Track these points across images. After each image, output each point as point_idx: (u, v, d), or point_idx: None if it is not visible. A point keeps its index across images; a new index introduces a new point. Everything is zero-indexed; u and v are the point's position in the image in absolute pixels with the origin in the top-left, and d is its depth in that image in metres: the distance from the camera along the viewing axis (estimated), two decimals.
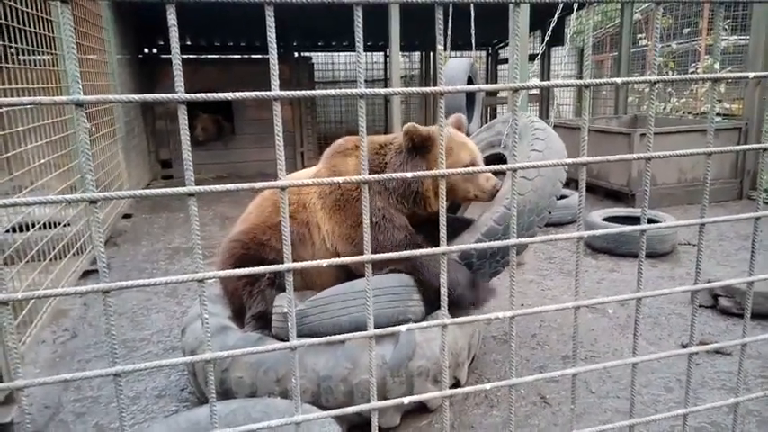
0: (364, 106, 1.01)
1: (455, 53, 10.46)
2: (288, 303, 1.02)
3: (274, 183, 0.98)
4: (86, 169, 0.90)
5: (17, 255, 3.35)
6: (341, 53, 13.08)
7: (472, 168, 1.10)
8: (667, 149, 1.20)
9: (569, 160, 1.17)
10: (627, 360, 1.25)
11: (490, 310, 3.90)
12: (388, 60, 11.38)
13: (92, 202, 0.90)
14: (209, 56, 10.87)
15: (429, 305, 2.72)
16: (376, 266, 2.73)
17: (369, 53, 12.90)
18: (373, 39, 11.53)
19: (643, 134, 6.40)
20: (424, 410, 2.71)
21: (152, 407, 2.86)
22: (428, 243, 2.87)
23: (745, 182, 6.87)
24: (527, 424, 2.63)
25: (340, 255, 2.95)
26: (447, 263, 1.10)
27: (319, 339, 1.08)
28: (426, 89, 1.06)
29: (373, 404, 1.08)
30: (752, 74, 1.28)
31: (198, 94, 0.94)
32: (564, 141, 3.10)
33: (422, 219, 2.98)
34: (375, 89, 1.02)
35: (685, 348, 1.36)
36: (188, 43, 10.63)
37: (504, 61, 13.03)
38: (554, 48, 11.32)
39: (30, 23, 3.84)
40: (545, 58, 11.30)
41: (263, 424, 0.98)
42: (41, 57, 4.19)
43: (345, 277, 2.95)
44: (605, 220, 5.26)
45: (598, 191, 7.14)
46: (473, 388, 1.20)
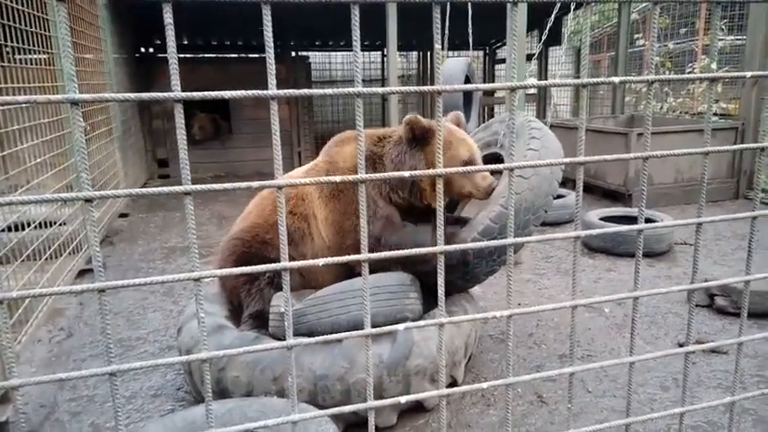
0: (361, 105, 1.01)
1: (452, 53, 10.46)
2: (284, 303, 1.02)
3: (271, 182, 0.98)
4: (82, 168, 0.90)
5: (12, 254, 3.34)
6: (338, 53, 13.08)
7: (469, 167, 1.10)
8: (664, 149, 1.20)
9: (567, 159, 1.17)
10: (624, 359, 1.26)
11: (487, 311, 3.90)
12: (386, 60, 11.37)
13: (87, 201, 0.90)
14: (206, 55, 10.86)
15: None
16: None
17: (366, 53, 12.90)
18: (370, 38, 11.53)
19: (640, 134, 6.41)
20: (421, 409, 2.71)
21: (148, 406, 2.85)
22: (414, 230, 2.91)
23: (741, 181, 6.89)
24: (524, 423, 2.63)
25: (331, 243, 2.98)
26: (409, 232, 1.10)
27: (316, 339, 1.08)
28: (424, 88, 1.06)
29: (370, 403, 1.08)
30: (749, 73, 1.28)
31: (194, 93, 0.93)
32: (561, 141, 3.10)
33: (419, 211, 2.99)
34: (372, 88, 1.01)
35: (682, 347, 1.36)
36: (185, 42, 10.61)
37: (501, 61, 13.04)
38: (551, 47, 11.34)
39: (26, 22, 3.82)
40: (542, 58, 11.32)
41: (260, 423, 0.98)
42: (38, 56, 4.17)
43: (346, 273, 2.96)
44: (602, 220, 5.27)
45: (595, 190, 7.15)
46: (470, 387, 1.20)
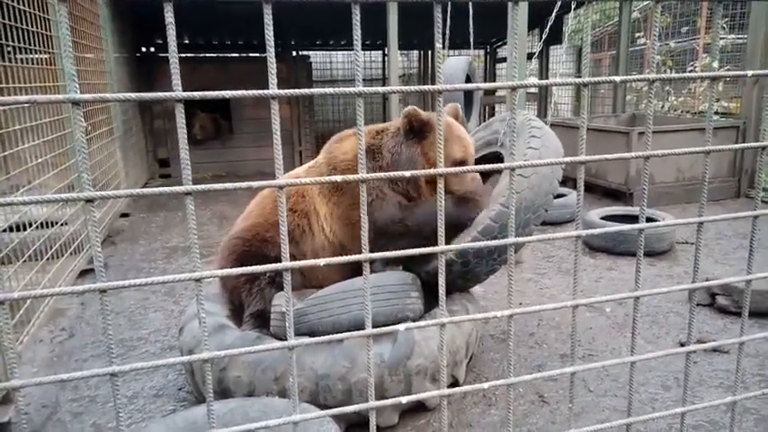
0: (362, 105, 1.01)
1: (453, 52, 10.45)
2: (286, 302, 1.02)
3: (272, 182, 0.98)
4: (83, 168, 0.90)
5: (14, 254, 3.34)
6: (339, 52, 13.07)
7: (468, 168, 1.09)
8: (665, 148, 1.20)
9: (568, 159, 1.17)
10: (625, 359, 1.25)
11: (488, 310, 3.90)
12: (387, 59, 11.38)
13: (88, 201, 0.90)
14: (207, 54, 10.85)
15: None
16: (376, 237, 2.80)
17: (367, 52, 12.90)
18: (371, 37, 11.52)
19: (641, 133, 6.41)
20: (423, 409, 2.71)
21: (149, 406, 2.85)
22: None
23: (743, 180, 6.88)
24: (525, 422, 2.63)
25: (339, 237, 2.98)
26: (425, 206, 1.10)
27: (317, 339, 1.08)
28: (424, 87, 1.06)
29: (371, 404, 1.08)
30: (750, 72, 1.28)
31: (195, 93, 0.93)
32: (561, 140, 3.10)
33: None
34: (373, 87, 1.01)
35: (683, 347, 1.36)
36: (186, 42, 10.61)
37: (502, 60, 13.03)
38: (552, 46, 11.32)
39: (27, 22, 3.83)
40: (543, 57, 11.30)
41: (261, 424, 0.98)
42: (39, 55, 4.17)
43: (350, 271, 2.96)
44: (603, 219, 5.27)
45: (596, 189, 7.14)
46: (471, 387, 1.20)
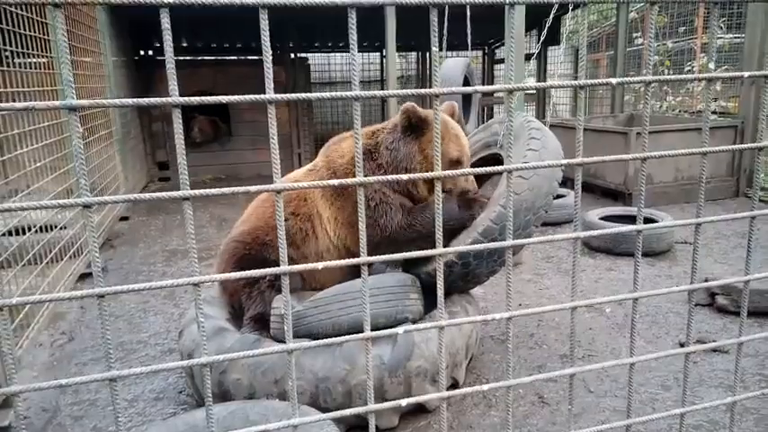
0: (359, 108, 1.01)
1: (451, 53, 10.45)
2: (284, 306, 1.02)
3: (269, 186, 0.98)
4: (80, 173, 0.90)
5: (13, 258, 3.34)
6: (337, 54, 13.08)
7: (466, 170, 1.10)
8: (664, 148, 1.20)
9: (565, 161, 1.17)
10: (624, 360, 1.25)
11: (488, 311, 3.90)
12: (385, 61, 11.39)
13: (86, 207, 0.90)
14: (205, 57, 10.85)
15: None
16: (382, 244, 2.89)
17: (365, 53, 12.91)
18: (369, 39, 11.53)
19: (640, 133, 6.40)
20: (423, 411, 2.71)
21: (150, 410, 2.85)
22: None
23: (741, 180, 6.89)
24: (525, 424, 2.63)
25: (344, 241, 2.99)
26: (432, 210, 1.10)
27: (316, 342, 1.08)
28: (422, 91, 1.06)
29: (370, 407, 1.08)
30: (747, 73, 1.28)
31: (192, 98, 0.93)
32: (560, 141, 3.11)
33: (418, 198, 3.00)
34: (370, 91, 1.02)
35: (683, 347, 1.36)
36: (184, 45, 10.61)
37: (500, 61, 13.03)
38: (550, 47, 11.33)
39: (25, 26, 3.83)
40: (541, 58, 11.31)
41: (260, 427, 0.98)
42: (37, 60, 4.17)
43: (350, 271, 2.97)
44: (602, 219, 5.27)
45: (595, 190, 7.15)
46: (471, 389, 1.20)
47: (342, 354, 2.47)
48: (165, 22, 0.89)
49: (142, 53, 9.71)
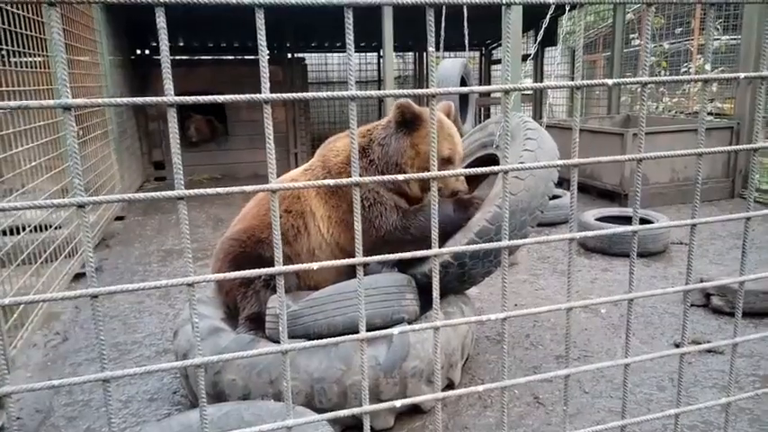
0: (355, 108, 1.01)
1: (448, 53, 10.46)
2: (279, 306, 1.02)
3: (265, 186, 0.98)
4: (75, 173, 0.89)
5: (8, 258, 3.33)
6: (334, 54, 13.07)
7: (461, 171, 1.09)
8: (660, 149, 1.20)
9: (561, 162, 1.17)
10: (619, 361, 1.26)
11: (484, 312, 3.90)
12: (382, 61, 11.38)
13: (80, 207, 0.89)
14: (202, 57, 10.82)
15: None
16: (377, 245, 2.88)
17: (362, 53, 12.91)
18: (366, 39, 11.52)
19: (636, 134, 6.42)
20: (418, 411, 2.71)
21: (144, 410, 2.84)
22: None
23: (737, 181, 6.91)
24: (521, 424, 2.63)
25: (338, 239, 2.99)
26: (428, 212, 1.10)
27: (311, 343, 1.07)
28: (419, 91, 1.06)
29: (365, 408, 1.08)
30: (742, 74, 1.28)
31: (187, 97, 0.93)
32: (557, 141, 3.11)
33: (410, 196, 3.01)
34: (366, 91, 1.01)
35: (678, 348, 1.36)
36: (181, 44, 10.58)
37: (497, 61, 13.06)
38: (547, 48, 11.35)
39: (21, 25, 3.81)
40: (538, 58, 11.32)
41: (255, 429, 0.98)
42: (33, 59, 4.16)
43: (346, 270, 2.96)
44: (598, 220, 5.28)
45: (591, 190, 7.16)
46: (466, 390, 1.20)
47: (337, 354, 2.46)
48: (161, 21, 0.89)
49: (139, 52, 9.68)
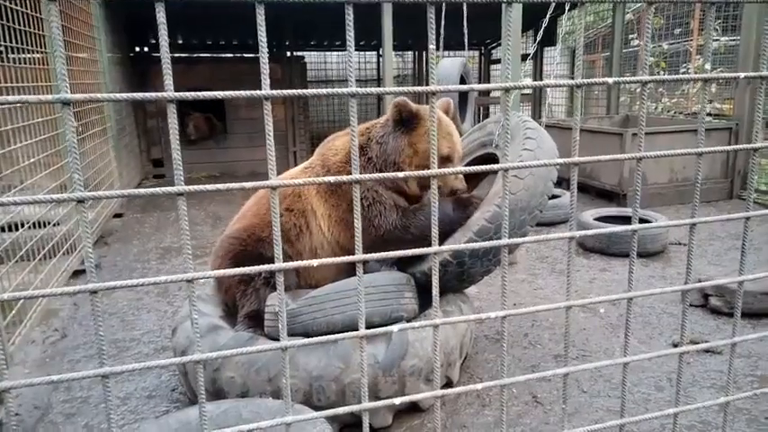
0: (355, 106, 1.01)
1: (448, 53, 10.46)
2: (278, 303, 1.02)
3: (265, 182, 0.97)
4: (74, 168, 0.89)
5: (6, 254, 3.32)
6: (334, 52, 13.07)
7: (461, 168, 1.09)
8: (659, 149, 1.20)
9: (560, 160, 1.17)
10: (618, 360, 1.26)
11: (483, 310, 3.90)
12: (381, 60, 11.37)
13: (79, 202, 0.89)
14: (201, 54, 10.81)
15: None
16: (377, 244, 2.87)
17: (361, 52, 12.90)
18: (366, 38, 11.51)
19: (635, 134, 6.43)
20: (417, 410, 2.71)
21: (142, 407, 2.84)
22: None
23: (736, 181, 6.92)
24: (519, 423, 2.63)
25: (338, 238, 2.99)
26: (428, 211, 1.09)
27: (310, 340, 1.07)
28: (418, 88, 1.06)
29: (364, 405, 1.08)
30: (742, 74, 1.28)
31: (187, 93, 0.93)
32: (556, 141, 3.11)
33: (409, 195, 3.00)
34: (366, 89, 1.01)
35: (676, 347, 1.36)
36: (180, 42, 10.56)
37: (497, 61, 13.06)
38: (546, 48, 11.35)
39: (20, 21, 3.80)
40: (537, 58, 11.33)
41: (253, 425, 0.98)
42: (32, 55, 4.15)
43: (345, 269, 2.96)
44: (597, 220, 5.28)
45: (590, 190, 7.16)
46: (465, 388, 1.20)
47: (336, 352, 2.46)
48: (161, 17, 0.89)
49: (138, 49, 9.67)
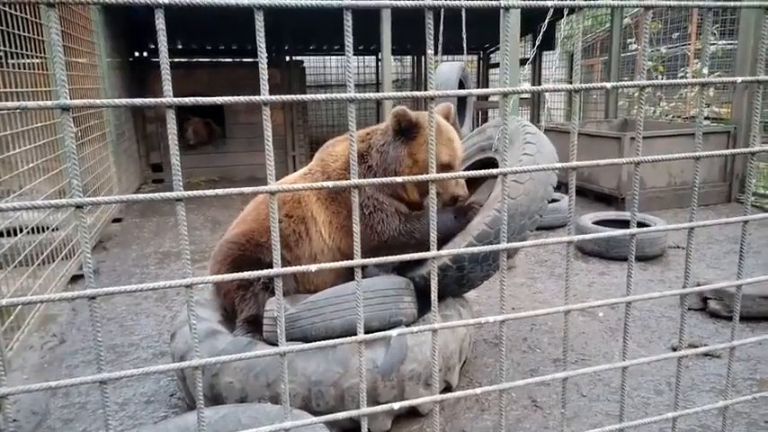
0: (354, 110, 1.01)
1: (447, 57, 10.48)
2: (277, 308, 1.02)
3: (264, 187, 0.98)
4: (73, 174, 0.89)
5: (5, 259, 3.32)
6: (333, 57, 13.10)
7: (459, 173, 1.10)
8: (657, 153, 1.21)
9: (559, 164, 1.17)
10: (617, 364, 1.26)
11: (482, 315, 3.90)
12: (380, 64, 11.39)
13: (78, 207, 0.89)
14: (200, 59, 10.83)
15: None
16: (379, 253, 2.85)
17: (360, 57, 12.92)
18: (365, 42, 11.55)
19: (633, 138, 6.44)
20: (416, 415, 2.70)
21: (140, 413, 2.83)
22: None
23: (734, 185, 6.93)
24: (518, 428, 2.62)
25: (339, 244, 2.99)
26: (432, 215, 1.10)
27: (309, 345, 1.07)
28: (417, 93, 1.06)
29: (363, 410, 1.08)
30: (740, 78, 1.29)
31: (186, 98, 0.93)
32: (555, 145, 3.11)
33: (408, 202, 3.00)
34: (365, 93, 1.01)
35: (675, 351, 1.36)
36: (179, 47, 10.58)
37: (495, 65, 13.08)
38: (545, 52, 11.37)
39: (19, 27, 3.81)
40: (536, 63, 11.35)
41: (252, 431, 0.97)
42: (31, 60, 4.15)
43: (345, 274, 2.96)
44: (596, 224, 5.29)
45: (588, 194, 7.17)
46: (464, 392, 1.20)
47: (335, 357, 2.46)
48: (160, 23, 0.89)
49: (137, 55, 9.68)
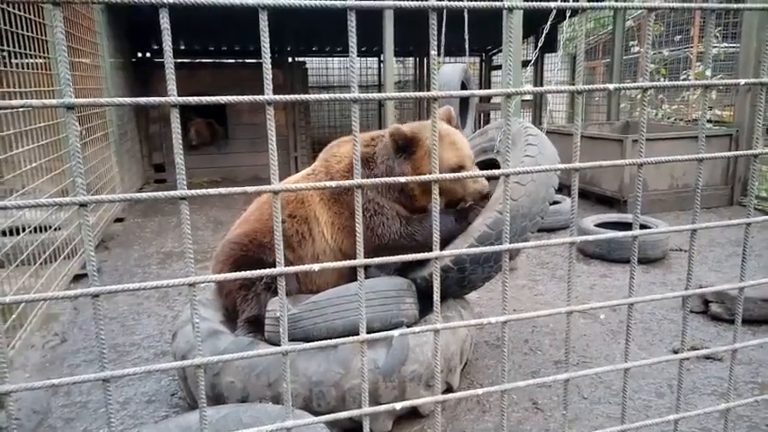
0: (357, 111, 1.01)
1: (449, 59, 10.49)
2: (279, 308, 1.02)
3: (267, 187, 0.98)
4: (77, 173, 0.90)
5: (7, 258, 3.33)
6: (335, 58, 13.12)
7: (460, 174, 1.10)
8: (659, 155, 1.21)
9: (562, 166, 1.18)
10: (618, 366, 1.26)
11: (483, 316, 3.90)
12: (383, 66, 11.41)
13: (82, 206, 0.90)
14: (203, 60, 10.86)
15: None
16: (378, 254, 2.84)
17: (363, 58, 12.93)
18: (367, 44, 11.56)
19: (635, 140, 6.44)
20: (417, 415, 2.70)
21: (142, 412, 2.83)
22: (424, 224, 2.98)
23: (736, 188, 6.92)
24: (519, 429, 2.62)
25: (343, 248, 3.00)
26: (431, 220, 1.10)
27: (311, 345, 1.07)
28: (420, 94, 1.06)
29: (365, 410, 1.08)
30: (743, 81, 1.29)
31: (190, 98, 0.93)
32: (557, 147, 3.11)
33: (412, 208, 2.99)
34: (368, 94, 1.02)
35: (676, 354, 1.36)
36: (182, 47, 10.61)
37: (497, 67, 13.09)
38: (547, 54, 11.38)
39: (23, 27, 3.82)
40: (538, 65, 11.35)
41: (254, 430, 0.98)
42: (35, 60, 4.16)
43: (347, 275, 2.96)
44: (598, 226, 5.29)
45: (590, 196, 7.17)
46: (465, 393, 1.20)
47: (336, 357, 2.46)
48: (165, 22, 0.89)
49: (140, 55, 9.71)
